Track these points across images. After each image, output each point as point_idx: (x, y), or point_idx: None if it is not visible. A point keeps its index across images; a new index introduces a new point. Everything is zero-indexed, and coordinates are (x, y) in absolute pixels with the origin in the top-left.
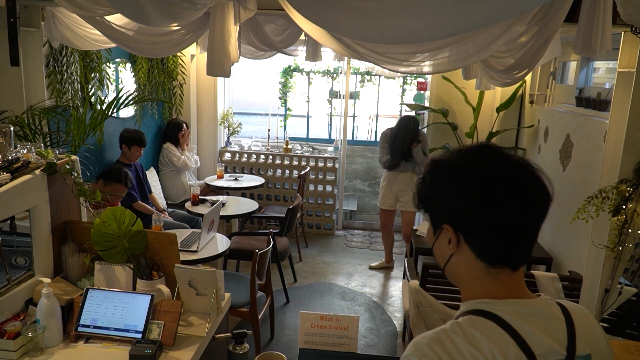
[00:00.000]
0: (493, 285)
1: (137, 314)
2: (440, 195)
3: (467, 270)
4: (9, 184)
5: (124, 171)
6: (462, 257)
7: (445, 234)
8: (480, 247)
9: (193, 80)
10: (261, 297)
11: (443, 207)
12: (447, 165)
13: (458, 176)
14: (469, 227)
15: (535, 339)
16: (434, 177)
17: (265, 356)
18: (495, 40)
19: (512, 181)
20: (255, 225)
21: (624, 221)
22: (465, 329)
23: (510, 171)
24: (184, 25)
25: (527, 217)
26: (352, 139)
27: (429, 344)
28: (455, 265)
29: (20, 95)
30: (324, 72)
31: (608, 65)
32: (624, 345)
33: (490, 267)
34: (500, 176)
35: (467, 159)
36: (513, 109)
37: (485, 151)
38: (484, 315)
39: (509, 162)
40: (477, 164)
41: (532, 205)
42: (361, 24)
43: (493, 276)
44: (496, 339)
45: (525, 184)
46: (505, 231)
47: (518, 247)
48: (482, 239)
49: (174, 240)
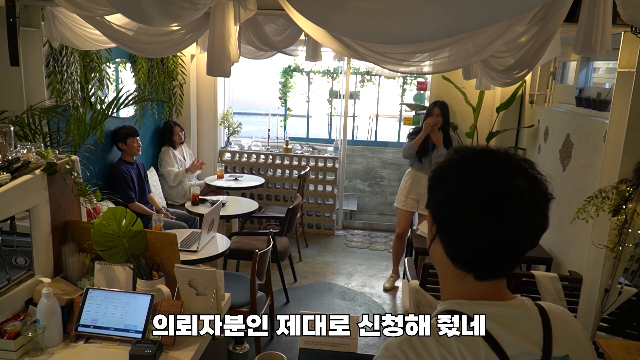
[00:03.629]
0: (462, 287)
1: (137, 314)
2: (432, 182)
3: (440, 263)
4: (9, 184)
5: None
6: (437, 247)
7: (430, 218)
8: (446, 244)
9: (193, 80)
10: (261, 297)
11: (430, 193)
12: (447, 165)
13: (450, 169)
14: (440, 219)
15: (508, 339)
16: (435, 176)
17: (265, 356)
18: (495, 40)
19: (495, 190)
20: (255, 225)
21: (624, 221)
22: (435, 330)
23: (498, 180)
24: (184, 25)
25: (498, 234)
26: (352, 139)
27: (399, 345)
28: (433, 253)
29: (20, 95)
30: (324, 72)
31: (608, 65)
32: (624, 345)
33: (456, 268)
34: (487, 185)
35: (466, 156)
36: (513, 109)
37: (479, 154)
38: (456, 315)
39: (503, 172)
40: (467, 164)
41: (508, 223)
42: (361, 24)
43: (461, 278)
44: (467, 339)
45: (510, 196)
46: (469, 238)
47: (485, 258)
48: (448, 236)
49: (174, 240)
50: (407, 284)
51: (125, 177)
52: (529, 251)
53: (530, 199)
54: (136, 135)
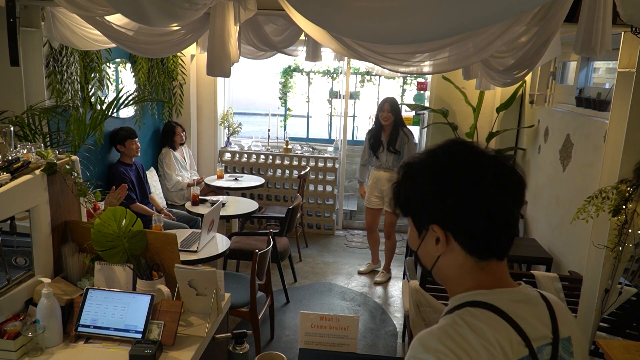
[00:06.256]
0: (482, 277)
1: (137, 314)
2: (425, 197)
3: (457, 267)
4: (9, 184)
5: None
6: (450, 255)
7: (432, 235)
8: (470, 242)
9: (193, 80)
10: (261, 297)
11: (429, 208)
12: (424, 166)
13: (439, 175)
14: (458, 224)
15: (529, 324)
16: (413, 180)
17: (265, 356)
18: (495, 40)
19: (489, 171)
20: (255, 225)
21: (624, 221)
22: (468, 321)
23: (485, 162)
24: (184, 26)
25: (511, 205)
26: (352, 139)
27: (440, 340)
28: (444, 264)
29: (20, 95)
30: (324, 72)
31: (608, 65)
32: (624, 345)
33: (480, 260)
34: (478, 168)
35: (441, 157)
36: (513, 109)
37: (456, 146)
38: (481, 306)
39: (480, 153)
40: (453, 159)
41: (512, 192)
42: (361, 24)
43: (483, 269)
44: (498, 327)
45: (500, 172)
46: (494, 222)
47: (505, 236)
48: (472, 233)
49: (174, 240)
50: (407, 284)
51: (125, 179)
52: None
53: (510, 165)
54: (135, 137)
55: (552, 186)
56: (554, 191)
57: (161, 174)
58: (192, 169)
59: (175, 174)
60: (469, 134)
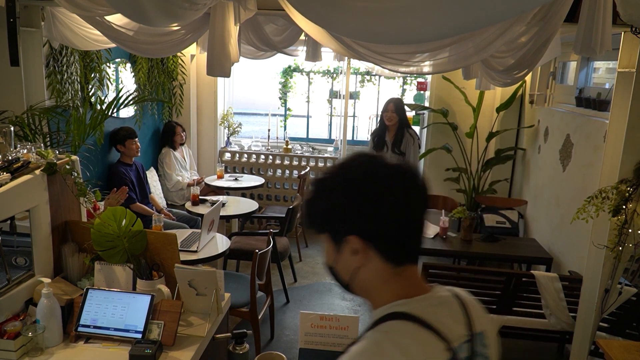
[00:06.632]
0: (400, 284)
1: (137, 314)
2: (342, 209)
3: (376, 277)
4: (9, 184)
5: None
6: (369, 265)
7: (350, 247)
8: (387, 248)
9: (193, 80)
10: (261, 297)
11: (346, 219)
12: (338, 178)
13: (354, 185)
14: (375, 231)
15: (447, 327)
16: (329, 193)
17: (265, 356)
18: (495, 40)
19: (398, 179)
20: (255, 225)
21: (624, 221)
22: (392, 337)
23: (393, 170)
24: (184, 26)
25: (420, 208)
26: (352, 139)
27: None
28: (364, 276)
29: (20, 95)
30: (324, 72)
31: (608, 65)
32: (624, 345)
33: (397, 266)
34: (389, 177)
35: (354, 168)
36: (513, 109)
37: (364, 157)
38: (403, 318)
39: (387, 163)
40: (365, 169)
41: (420, 196)
42: (361, 24)
43: (400, 275)
44: (422, 339)
45: (408, 178)
46: (408, 226)
47: (417, 239)
48: (389, 239)
49: (174, 240)
50: None
51: (125, 179)
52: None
53: (414, 172)
54: (135, 137)
55: (552, 186)
56: (554, 191)
57: (161, 174)
58: (192, 169)
59: (175, 174)
60: (469, 134)
